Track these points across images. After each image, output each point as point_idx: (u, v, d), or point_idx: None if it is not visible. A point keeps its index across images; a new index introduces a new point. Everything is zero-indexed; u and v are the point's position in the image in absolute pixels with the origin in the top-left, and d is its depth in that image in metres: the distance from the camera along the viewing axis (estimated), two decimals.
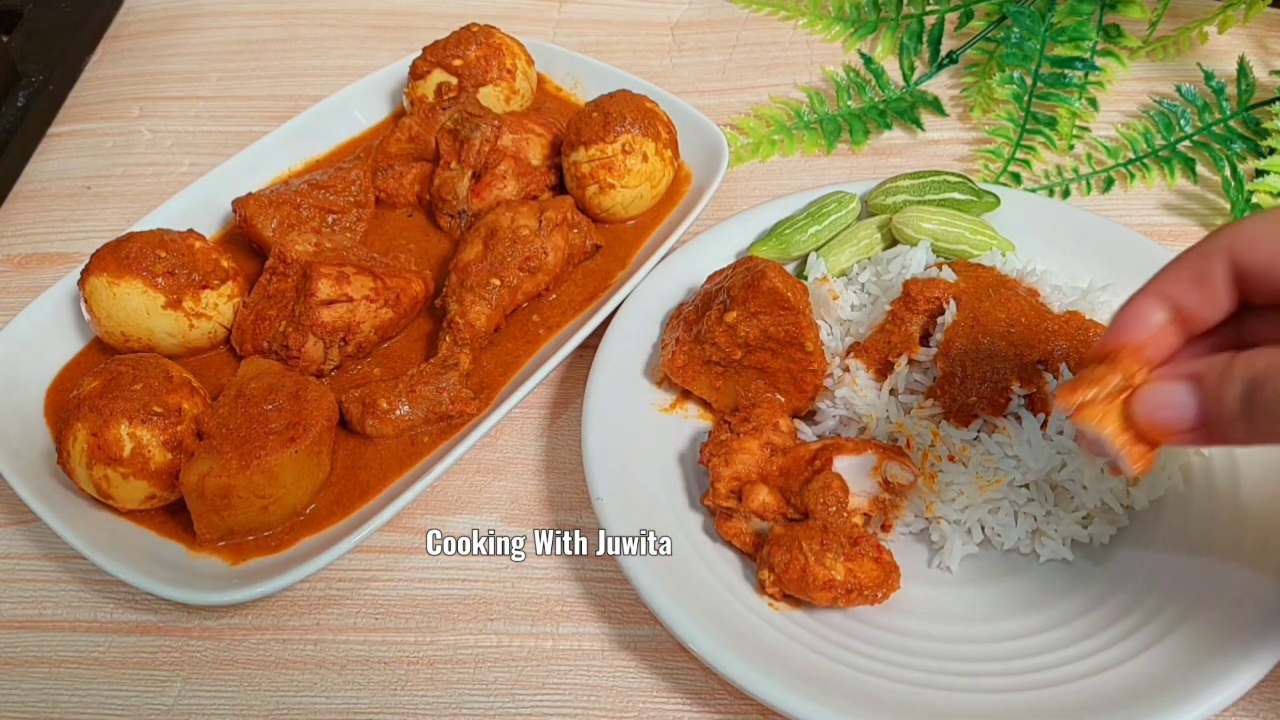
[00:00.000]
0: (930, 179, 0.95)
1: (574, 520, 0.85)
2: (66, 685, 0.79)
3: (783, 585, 0.72)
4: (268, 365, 0.87)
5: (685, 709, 0.75)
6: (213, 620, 0.81)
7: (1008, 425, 0.77)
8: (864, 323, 0.86)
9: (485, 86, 1.08)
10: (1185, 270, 0.56)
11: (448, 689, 0.77)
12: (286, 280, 0.90)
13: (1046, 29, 1.11)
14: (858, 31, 1.23)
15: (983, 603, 0.75)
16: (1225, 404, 0.53)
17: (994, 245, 0.90)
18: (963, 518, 0.77)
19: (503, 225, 0.93)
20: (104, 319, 0.90)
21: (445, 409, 0.87)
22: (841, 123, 1.13)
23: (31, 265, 1.09)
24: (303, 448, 0.80)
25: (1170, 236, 1.00)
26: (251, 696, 0.77)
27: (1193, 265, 0.56)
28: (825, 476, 0.74)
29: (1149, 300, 0.57)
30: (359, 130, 1.13)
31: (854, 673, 0.69)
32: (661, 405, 0.87)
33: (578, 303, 0.96)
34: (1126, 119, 1.11)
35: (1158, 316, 0.57)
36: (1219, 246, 0.55)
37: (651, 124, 0.99)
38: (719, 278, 0.87)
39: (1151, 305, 0.57)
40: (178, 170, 1.17)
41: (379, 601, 0.81)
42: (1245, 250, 0.54)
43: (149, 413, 0.79)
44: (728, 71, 1.22)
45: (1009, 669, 0.70)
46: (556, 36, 1.28)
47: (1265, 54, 1.15)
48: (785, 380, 0.83)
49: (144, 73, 1.30)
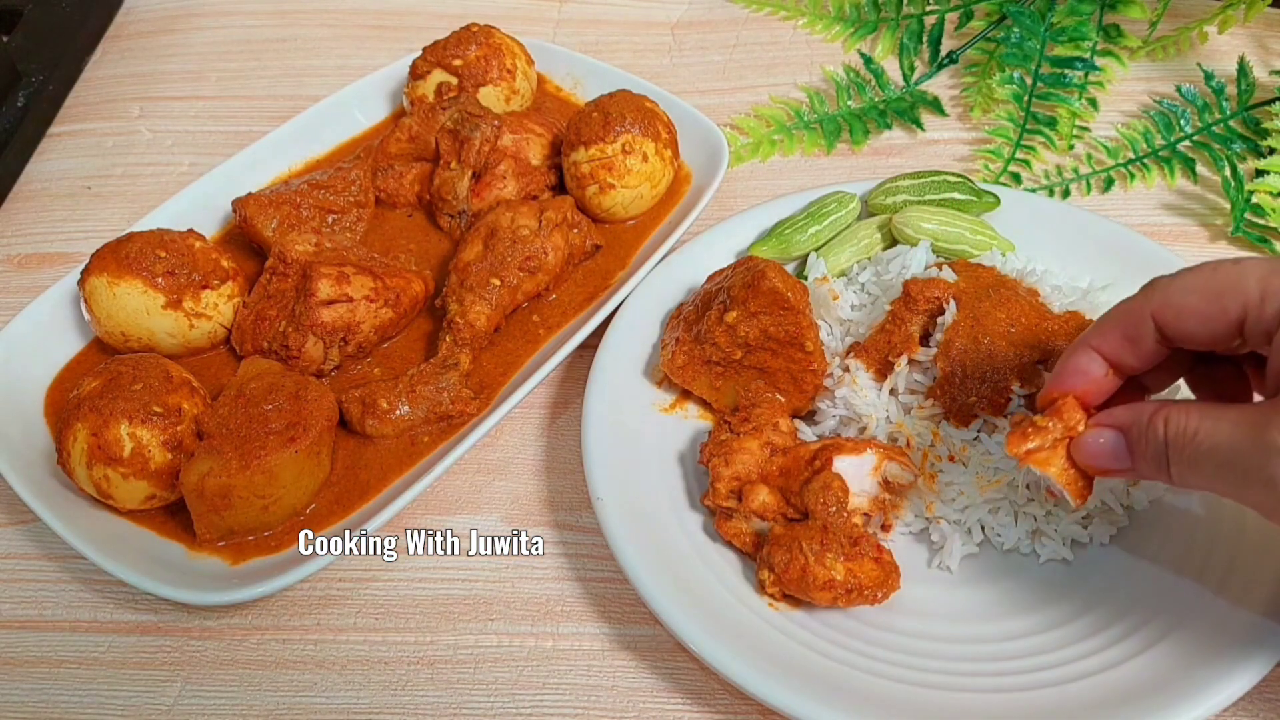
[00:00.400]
0: (930, 179, 0.95)
1: (574, 520, 0.85)
2: (66, 685, 0.79)
3: (783, 585, 0.72)
4: (268, 365, 0.87)
5: (685, 709, 0.75)
6: (213, 620, 0.81)
7: (1008, 425, 0.77)
8: (864, 323, 0.86)
9: (485, 86, 1.08)
10: (1117, 328, 0.62)
11: (448, 689, 0.77)
12: (286, 280, 0.90)
13: (1046, 29, 1.11)
14: (858, 31, 1.23)
15: (983, 603, 0.75)
16: (1149, 457, 0.60)
17: (994, 245, 0.90)
18: (963, 518, 0.77)
19: (503, 225, 0.93)
20: (104, 319, 0.90)
21: (445, 409, 0.87)
22: (841, 123, 1.13)
23: (31, 265, 1.09)
24: (303, 448, 0.80)
25: (1170, 236, 1.00)
26: (251, 696, 0.77)
27: (1123, 324, 0.61)
28: (825, 476, 0.74)
29: (1085, 355, 0.63)
30: (359, 130, 1.13)
31: (854, 673, 0.69)
32: (661, 405, 0.87)
33: (578, 303, 0.96)
34: (1126, 119, 1.11)
35: (1095, 369, 0.63)
36: (1144, 312, 0.60)
37: (651, 124, 0.99)
38: (719, 278, 0.87)
39: (1087, 360, 0.63)
40: (178, 170, 1.17)
41: (379, 601, 0.82)
42: (1170, 319, 0.59)
43: (149, 413, 0.79)
44: (728, 71, 1.22)
45: (1009, 669, 0.70)
46: (556, 36, 1.28)
47: (1265, 54, 1.15)
48: (785, 380, 0.83)
49: (144, 73, 1.30)
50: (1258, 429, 0.55)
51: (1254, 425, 0.55)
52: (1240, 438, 0.55)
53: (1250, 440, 0.55)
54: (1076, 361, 0.64)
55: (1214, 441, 0.56)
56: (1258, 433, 0.54)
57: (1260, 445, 0.54)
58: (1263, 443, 0.54)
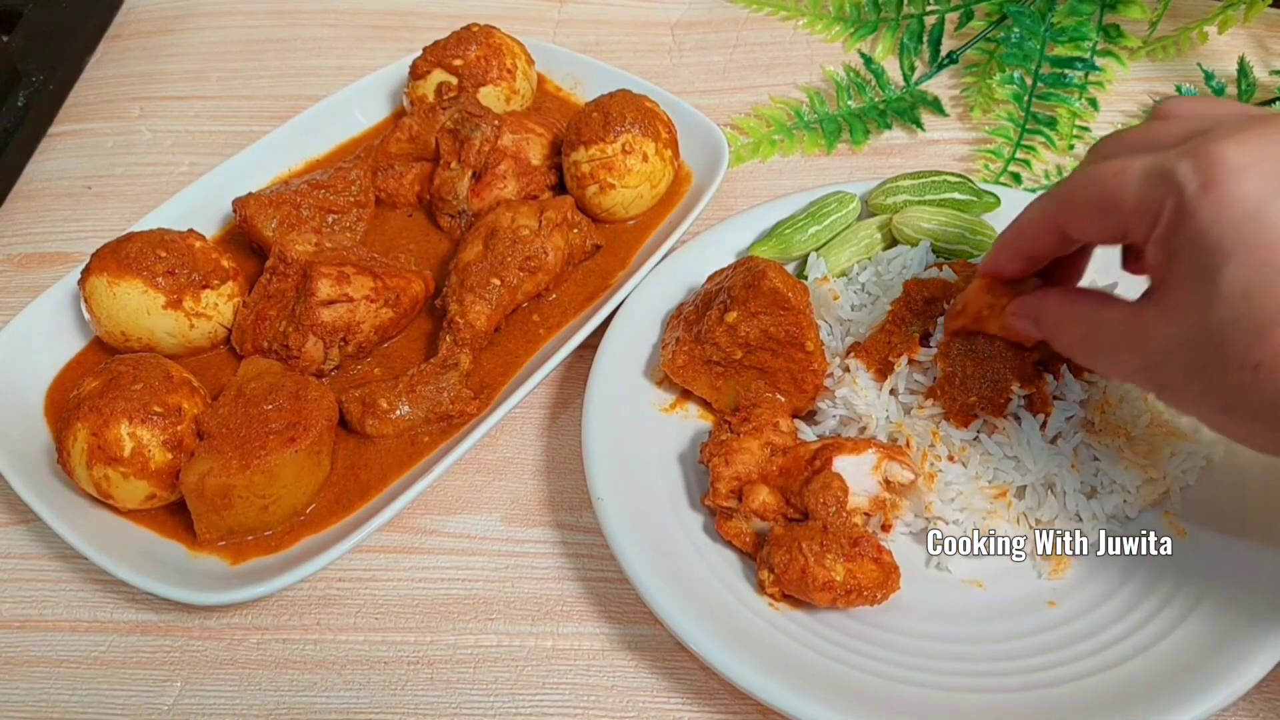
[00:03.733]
0: (930, 179, 0.95)
1: (574, 520, 0.85)
2: (66, 685, 0.79)
3: (783, 585, 0.72)
4: (268, 365, 0.87)
5: (685, 709, 0.75)
6: (213, 620, 0.81)
7: (1007, 426, 0.77)
8: (864, 323, 0.86)
9: (485, 86, 1.08)
10: (1030, 230, 0.69)
11: (448, 689, 0.77)
12: (286, 280, 0.90)
13: (1046, 29, 1.11)
14: (858, 31, 1.23)
15: (982, 603, 0.75)
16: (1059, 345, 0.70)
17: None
18: (961, 518, 0.77)
19: (503, 225, 0.93)
20: (104, 319, 0.90)
21: (445, 409, 0.87)
22: (841, 123, 1.13)
23: (31, 265, 1.09)
24: (303, 448, 0.80)
25: None
26: (251, 696, 0.77)
27: (1035, 228, 0.68)
28: (825, 476, 0.74)
29: (1006, 253, 0.72)
30: (359, 130, 1.13)
31: (854, 673, 0.69)
32: (661, 405, 0.87)
33: (578, 303, 0.96)
34: (1126, 119, 1.11)
35: (1012, 264, 0.72)
36: (1050, 221, 0.66)
37: (651, 124, 0.99)
38: (719, 278, 0.87)
39: (1009, 257, 0.72)
40: (178, 170, 1.17)
41: (379, 601, 0.82)
42: (1071, 229, 0.65)
43: (149, 413, 0.79)
44: (728, 71, 1.22)
45: (1009, 669, 0.70)
46: (556, 36, 1.28)
47: (1265, 54, 1.15)
48: (785, 380, 0.83)
49: (144, 73, 1.30)
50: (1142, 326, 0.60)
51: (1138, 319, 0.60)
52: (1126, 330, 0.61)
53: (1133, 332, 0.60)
54: (998, 258, 0.72)
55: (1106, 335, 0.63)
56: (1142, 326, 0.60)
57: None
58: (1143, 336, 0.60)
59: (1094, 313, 0.64)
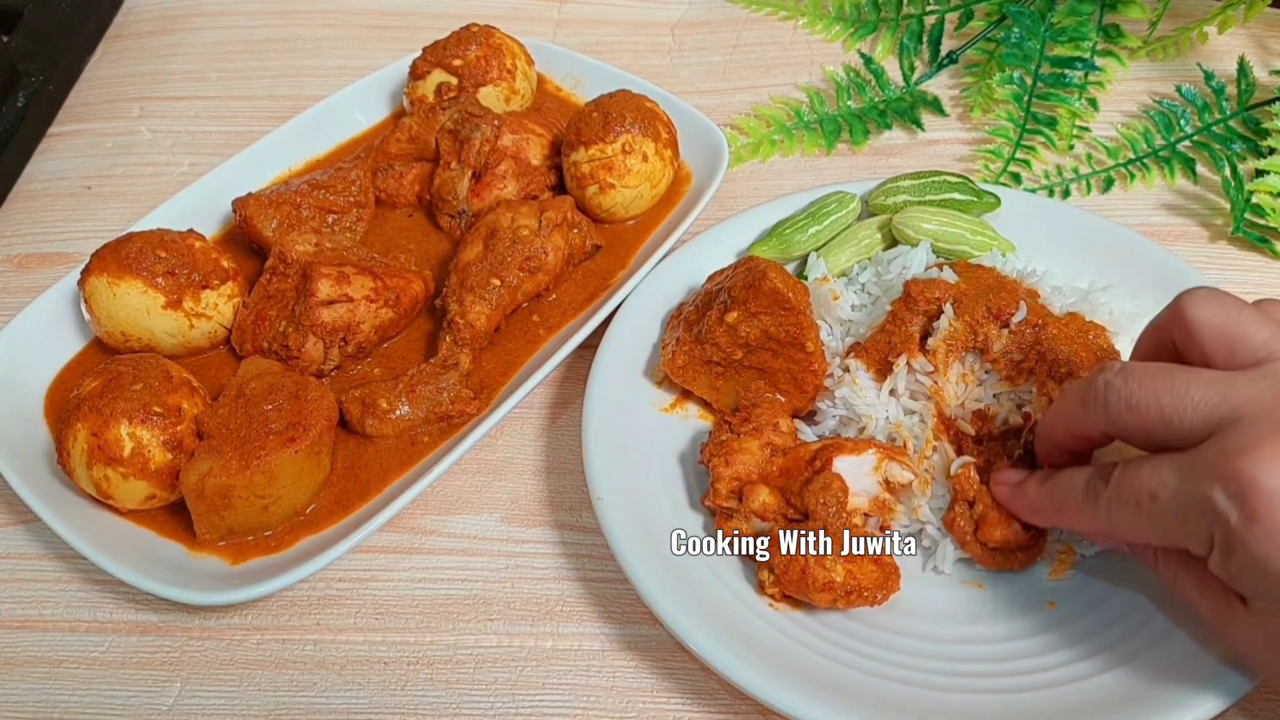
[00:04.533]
0: (930, 179, 0.95)
1: (574, 520, 0.85)
2: (66, 685, 0.79)
3: (782, 586, 0.72)
4: (268, 365, 0.87)
5: (685, 709, 0.75)
6: (213, 620, 0.81)
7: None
8: (864, 323, 0.86)
9: (485, 86, 1.08)
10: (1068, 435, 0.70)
11: (448, 689, 0.77)
12: (286, 280, 0.90)
13: (1046, 29, 1.11)
14: (858, 31, 1.23)
15: (982, 604, 0.75)
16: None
17: (994, 246, 0.90)
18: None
19: (503, 225, 0.93)
20: (104, 319, 0.90)
21: (445, 409, 0.87)
22: (841, 123, 1.13)
23: (31, 265, 1.09)
24: (303, 448, 0.80)
25: (1170, 236, 1.00)
26: (251, 696, 0.77)
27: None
28: (825, 476, 0.74)
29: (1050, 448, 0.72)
30: (359, 130, 1.13)
31: (854, 673, 0.69)
32: (661, 405, 0.87)
33: (578, 303, 0.96)
34: (1126, 119, 1.11)
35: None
36: (1100, 426, 0.65)
37: (651, 124, 0.99)
38: (719, 278, 0.87)
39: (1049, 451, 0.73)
40: (178, 170, 1.17)
41: (379, 601, 0.82)
42: (1115, 433, 0.65)
43: (149, 413, 0.79)
44: (728, 71, 1.22)
45: (1009, 670, 0.70)
46: (556, 36, 1.28)
47: (1265, 54, 1.15)
48: (785, 380, 0.83)
49: (144, 73, 1.30)
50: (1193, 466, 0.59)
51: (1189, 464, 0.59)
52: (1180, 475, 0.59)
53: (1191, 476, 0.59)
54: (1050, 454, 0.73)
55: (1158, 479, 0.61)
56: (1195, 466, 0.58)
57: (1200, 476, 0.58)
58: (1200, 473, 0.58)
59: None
